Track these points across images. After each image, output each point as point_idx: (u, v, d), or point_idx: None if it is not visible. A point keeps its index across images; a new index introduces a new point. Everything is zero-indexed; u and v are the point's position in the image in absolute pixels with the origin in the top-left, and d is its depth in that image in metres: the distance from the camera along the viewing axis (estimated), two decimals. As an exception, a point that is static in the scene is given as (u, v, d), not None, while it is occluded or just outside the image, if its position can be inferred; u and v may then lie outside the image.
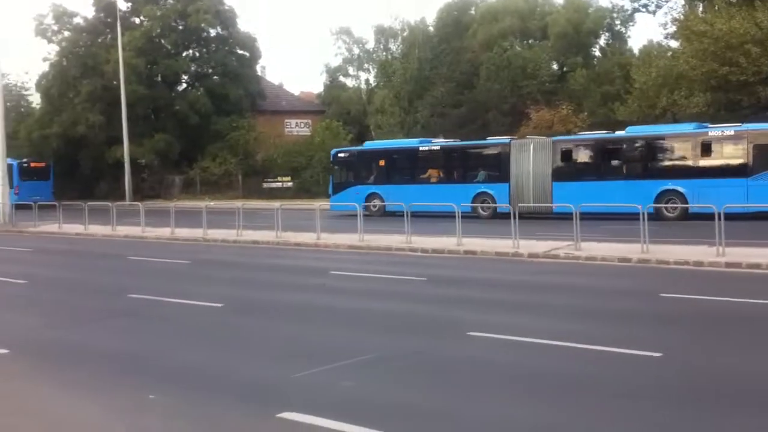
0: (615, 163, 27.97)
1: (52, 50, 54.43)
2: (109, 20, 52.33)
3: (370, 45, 65.71)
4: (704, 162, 25.92)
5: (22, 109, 58.38)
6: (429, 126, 51.49)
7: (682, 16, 39.58)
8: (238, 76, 54.60)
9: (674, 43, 42.95)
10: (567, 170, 28.26)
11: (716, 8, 35.99)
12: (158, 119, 54.14)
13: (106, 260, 20.41)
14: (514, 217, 18.28)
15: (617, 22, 55.65)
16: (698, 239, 17.06)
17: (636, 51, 54.42)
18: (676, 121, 33.52)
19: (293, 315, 11.51)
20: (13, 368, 8.67)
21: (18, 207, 33.47)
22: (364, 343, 9.32)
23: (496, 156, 30.28)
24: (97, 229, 27.26)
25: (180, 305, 12.36)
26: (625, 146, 28.05)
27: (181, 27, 54.36)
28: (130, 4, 55.12)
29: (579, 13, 53.89)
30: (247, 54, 56.92)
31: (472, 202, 28.24)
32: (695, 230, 19.10)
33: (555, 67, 54.93)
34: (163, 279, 15.91)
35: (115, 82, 48.50)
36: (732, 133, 25.59)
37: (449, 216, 21.42)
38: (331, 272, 15.97)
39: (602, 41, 57.76)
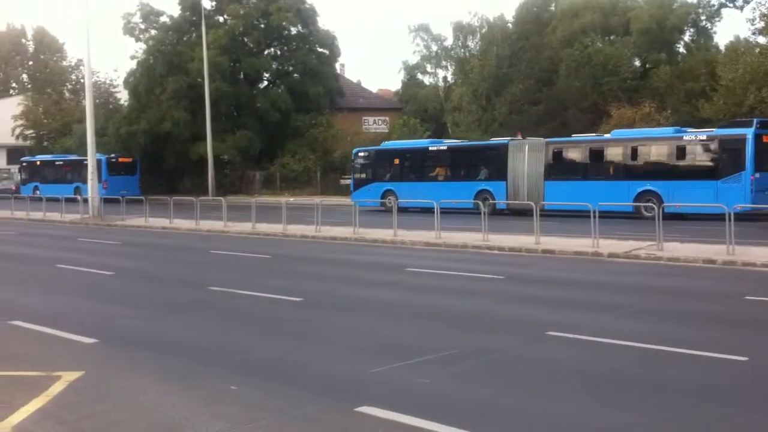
0: (600, 164, 29.56)
1: (139, 48, 56.20)
2: (194, 19, 53.59)
3: (449, 42, 65.57)
4: (679, 165, 27.47)
5: (111, 106, 60.20)
6: (507, 123, 51.05)
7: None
8: (318, 73, 55.20)
9: (762, 40, 41.56)
10: (558, 170, 30.25)
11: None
12: (240, 116, 55.19)
13: (189, 253, 20.99)
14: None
15: (702, 17, 54.12)
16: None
17: (722, 47, 52.86)
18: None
19: (371, 310, 11.62)
20: (102, 357, 9.00)
21: (106, 201, 34.73)
22: (441, 340, 9.34)
23: (495, 156, 32.33)
24: (182, 223, 28.03)
25: (260, 298, 12.61)
26: (609, 149, 29.74)
27: (263, 25, 55.27)
28: (214, 3, 56.36)
29: (663, 9, 52.53)
30: (327, 52, 57.52)
31: (474, 199, 29.30)
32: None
33: (637, 63, 53.73)
34: (244, 273, 16.24)
35: (199, 80, 49.59)
36: (704, 138, 27.40)
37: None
38: (408, 269, 16.05)
39: (687, 37, 56.24)
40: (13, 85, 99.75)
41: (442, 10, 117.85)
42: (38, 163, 56.10)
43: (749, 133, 26.09)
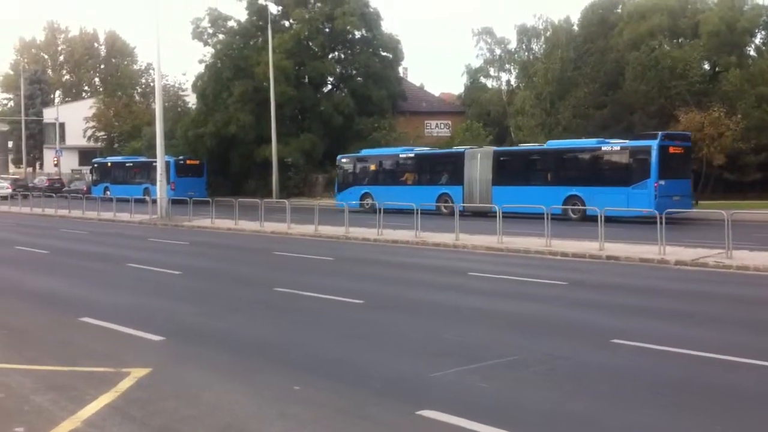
0: (536, 171, 33.11)
1: (207, 52, 57.17)
2: (260, 23, 54.36)
3: (512, 45, 64.95)
4: (598, 172, 30.86)
5: (179, 109, 61.45)
6: (571, 128, 50.37)
7: None
8: (381, 77, 55.43)
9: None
10: (503, 176, 33.49)
11: None
12: (304, 119, 55.76)
13: (254, 254, 21.30)
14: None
15: (774, 20, 52.49)
16: None
17: (796, 50, 51.21)
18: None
19: (432, 314, 11.61)
20: (169, 354, 9.21)
21: (173, 202, 35.47)
22: (503, 346, 9.29)
23: (454, 163, 35.89)
24: (246, 225, 28.46)
25: (323, 300, 12.72)
26: (543, 157, 33.34)
27: (327, 29, 55.76)
28: (280, 8, 57.00)
29: (733, 11, 51.15)
30: (390, 56, 57.71)
31: (436, 202, 33.57)
32: None
33: (706, 67, 52.40)
34: (307, 274, 16.40)
35: (265, 84, 50.25)
36: (618, 149, 30.59)
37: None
38: (470, 273, 16.00)
39: (758, 40, 54.60)
40: (86, 88, 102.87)
41: (506, 14, 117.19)
42: (109, 164, 57.55)
43: (654, 144, 29.16)
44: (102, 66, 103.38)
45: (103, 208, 37.32)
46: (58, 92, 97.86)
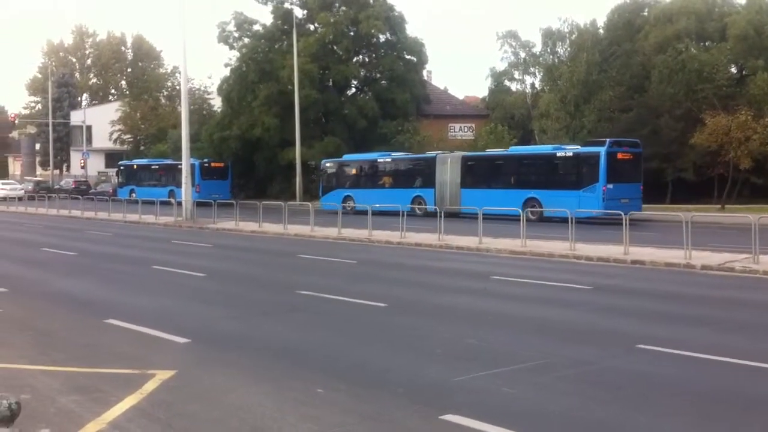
0: (500, 175, 34.85)
1: (233, 56, 57.40)
2: (285, 27, 54.54)
3: (537, 48, 64.66)
4: (553, 177, 32.70)
5: (205, 112, 61.82)
6: (596, 131, 50.02)
7: None
8: (405, 80, 55.42)
9: None
10: (470, 180, 35.39)
11: None
12: (328, 122, 55.87)
13: (278, 257, 21.38)
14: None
15: (803, 23, 51.81)
16: None
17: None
18: None
19: (455, 318, 11.57)
20: (194, 356, 9.26)
21: (198, 204, 35.70)
22: (527, 350, 9.24)
23: (426, 167, 37.76)
24: (270, 227, 28.57)
25: (346, 303, 12.74)
26: (506, 162, 35.33)
27: (352, 33, 55.85)
28: (305, 12, 57.18)
29: (761, 14, 50.57)
30: (414, 59, 57.65)
31: (411, 204, 35.11)
32: None
33: (733, 70, 51.89)
34: (330, 277, 16.43)
35: (289, 87, 50.42)
36: (571, 154, 32.63)
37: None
38: (493, 277, 15.94)
39: (786, 43, 53.94)
40: (112, 91, 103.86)
41: (531, 17, 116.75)
42: (135, 167, 58.04)
43: (602, 150, 31.12)
44: (129, 69, 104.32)
45: (129, 210, 37.65)
46: (85, 95, 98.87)
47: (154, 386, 7.69)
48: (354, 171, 42.00)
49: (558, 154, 33.34)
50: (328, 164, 43.52)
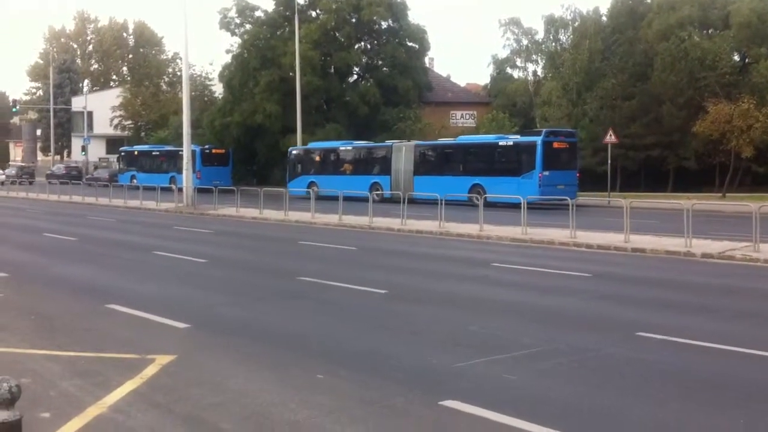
0: (448, 163, 37.02)
1: (234, 43, 57.34)
2: (287, 14, 54.41)
3: (539, 36, 64.56)
4: (495, 164, 34.95)
5: (206, 99, 61.75)
6: (598, 119, 49.98)
7: None
8: (407, 68, 55.31)
9: None
10: (422, 167, 37.63)
11: None
12: (330, 109, 55.80)
13: (279, 244, 21.39)
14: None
15: (807, 10, 51.60)
16: None
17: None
18: None
19: (456, 304, 11.58)
20: (194, 341, 9.27)
21: (199, 190, 35.72)
22: (527, 337, 9.25)
23: (384, 155, 39.95)
24: (271, 214, 28.59)
25: (346, 290, 12.74)
26: (454, 151, 37.48)
27: (354, 20, 55.70)
28: (307, -2, 57.09)
29: (764, 2, 50.38)
30: (417, 46, 57.54)
31: (369, 190, 34.90)
32: None
33: (736, 58, 51.74)
34: (331, 264, 16.44)
35: (291, 74, 50.37)
36: (511, 143, 35.10)
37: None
38: (493, 264, 15.95)
39: (789, 31, 53.73)
40: (114, 77, 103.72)
41: (534, 4, 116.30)
42: (136, 153, 58.08)
43: (539, 140, 33.42)
44: (130, 55, 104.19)
45: (130, 196, 37.65)
46: (86, 81, 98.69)
47: (154, 371, 7.70)
48: (318, 158, 43.64)
49: (500, 144, 35.61)
50: (294, 152, 45.16)
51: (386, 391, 7.07)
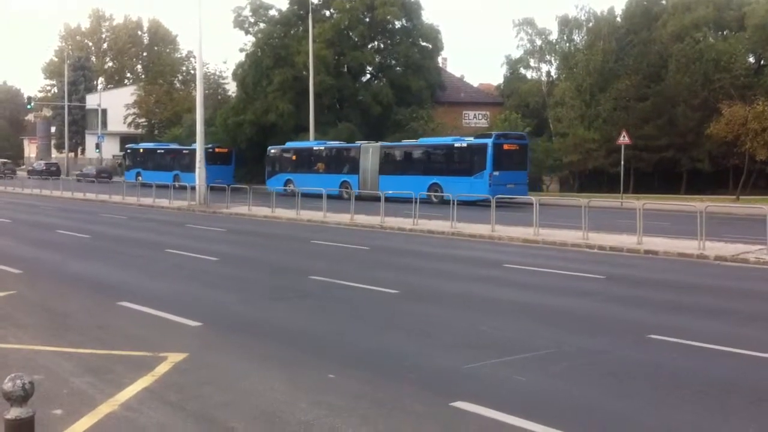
0: (410, 162, 39.09)
1: (248, 41, 57.47)
2: (301, 13, 54.47)
3: (553, 36, 64.43)
4: (451, 165, 36.99)
5: (219, 97, 61.89)
6: (611, 120, 49.83)
7: None
8: (420, 67, 55.27)
9: None
10: (386, 167, 39.46)
11: None
12: (343, 109, 55.82)
13: (291, 242, 21.41)
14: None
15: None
16: None
17: None
18: None
19: (467, 305, 11.57)
20: (206, 340, 9.29)
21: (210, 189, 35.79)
22: (538, 339, 9.23)
23: (352, 155, 41.85)
24: (283, 213, 28.65)
25: (358, 289, 12.75)
26: (414, 151, 39.52)
27: (368, 19, 55.67)
28: (321, -3, 57.13)
29: (781, 3, 50.16)
30: (430, 46, 57.50)
31: (339, 188, 38.48)
32: None
33: (752, 60, 51.48)
34: (343, 263, 16.46)
35: (304, 73, 50.38)
36: (465, 145, 36.88)
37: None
38: (505, 265, 15.92)
39: (805, 33, 53.37)
40: (128, 75, 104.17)
41: (548, 4, 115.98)
42: (141, 150, 58.47)
43: (489, 142, 35.49)
44: (144, 53, 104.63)
45: (143, 194, 37.81)
46: (101, 79, 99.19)
47: (166, 369, 7.73)
48: (294, 157, 45.30)
49: (455, 145, 37.60)
50: (272, 151, 46.75)
51: (397, 392, 7.07)
